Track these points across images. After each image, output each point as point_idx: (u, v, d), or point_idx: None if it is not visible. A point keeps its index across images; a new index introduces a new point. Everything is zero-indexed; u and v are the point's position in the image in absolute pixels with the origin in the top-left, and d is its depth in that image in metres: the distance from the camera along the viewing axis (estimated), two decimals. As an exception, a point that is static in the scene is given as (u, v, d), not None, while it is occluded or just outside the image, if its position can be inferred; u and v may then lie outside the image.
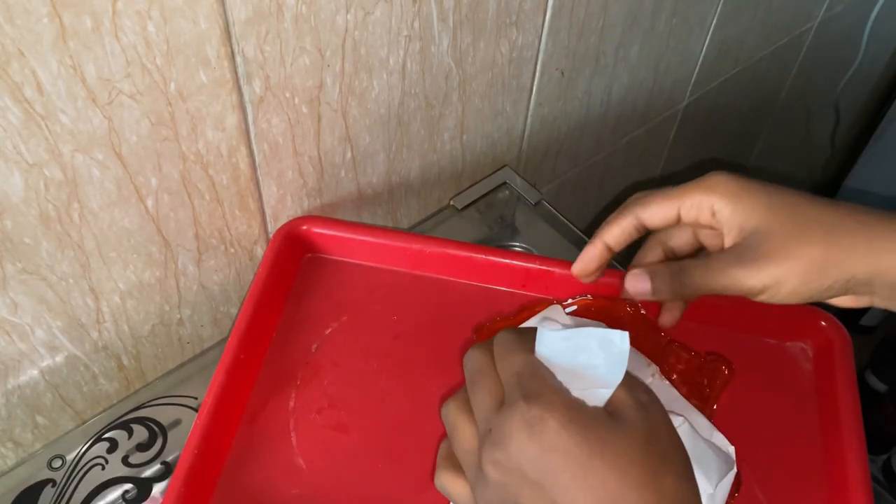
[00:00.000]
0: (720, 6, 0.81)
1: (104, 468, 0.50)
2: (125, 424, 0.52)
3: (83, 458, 0.50)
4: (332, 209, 0.59)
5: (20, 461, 0.51)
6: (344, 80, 0.51)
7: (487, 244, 0.61)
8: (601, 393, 0.33)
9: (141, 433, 0.52)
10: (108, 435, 0.51)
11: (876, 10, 1.13)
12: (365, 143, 0.56)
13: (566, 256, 0.52)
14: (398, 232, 0.58)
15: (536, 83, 0.67)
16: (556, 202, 0.68)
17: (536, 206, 0.67)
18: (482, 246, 0.55)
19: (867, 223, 0.40)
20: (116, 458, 0.50)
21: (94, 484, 0.49)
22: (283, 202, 0.55)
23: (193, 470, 0.44)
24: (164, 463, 0.50)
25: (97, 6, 0.37)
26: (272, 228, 0.56)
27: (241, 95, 0.46)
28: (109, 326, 0.51)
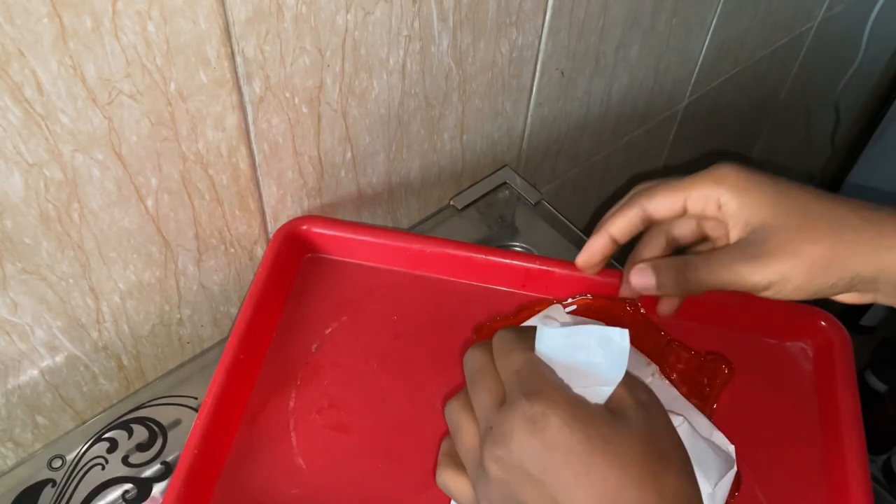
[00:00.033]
0: (720, 6, 0.81)
1: (104, 468, 0.50)
2: (125, 424, 0.52)
3: (83, 458, 0.50)
4: (332, 209, 0.59)
5: (20, 461, 0.51)
6: (344, 80, 0.51)
7: (487, 244, 0.61)
8: (602, 391, 0.33)
9: (141, 433, 0.52)
10: (108, 435, 0.51)
11: (876, 10, 1.13)
12: (365, 143, 0.56)
13: (566, 256, 0.52)
14: (398, 232, 0.58)
15: (536, 83, 0.67)
16: (556, 202, 0.68)
17: (536, 206, 0.67)
18: (482, 246, 0.55)
19: (873, 220, 0.40)
20: (116, 458, 0.50)
21: (94, 484, 0.49)
22: (283, 202, 0.55)
23: (193, 470, 0.44)
24: (164, 463, 0.50)
25: (97, 6, 0.37)
26: (272, 228, 0.56)
27: (241, 95, 0.46)
28: (109, 326, 0.51)
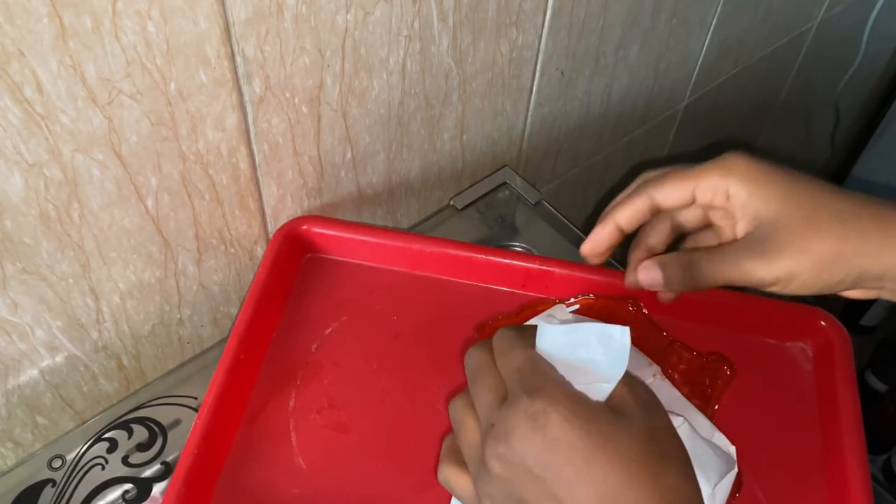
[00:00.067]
0: (720, 6, 0.81)
1: (104, 468, 0.50)
2: (125, 424, 0.52)
3: (83, 458, 0.50)
4: (332, 209, 0.59)
5: (20, 461, 0.51)
6: (344, 80, 0.51)
7: (487, 244, 0.61)
8: (602, 388, 0.33)
9: (141, 433, 0.52)
10: (108, 435, 0.51)
11: (876, 10, 1.13)
12: (365, 143, 0.56)
13: (566, 256, 0.52)
14: (398, 232, 0.58)
15: (536, 83, 0.67)
16: (556, 202, 0.68)
17: (536, 206, 0.67)
18: (482, 246, 0.55)
19: (880, 217, 0.39)
20: (116, 458, 0.50)
21: (94, 484, 0.49)
22: (283, 202, 0.55)
23: (193, 470, 0.44)
24: (164, 463, 0.50)
25: (97, 6, 0.37)
26: (272, 228, 0.56)
27: (241, 95, 0.46)
28: (109, 326, 0.51)
